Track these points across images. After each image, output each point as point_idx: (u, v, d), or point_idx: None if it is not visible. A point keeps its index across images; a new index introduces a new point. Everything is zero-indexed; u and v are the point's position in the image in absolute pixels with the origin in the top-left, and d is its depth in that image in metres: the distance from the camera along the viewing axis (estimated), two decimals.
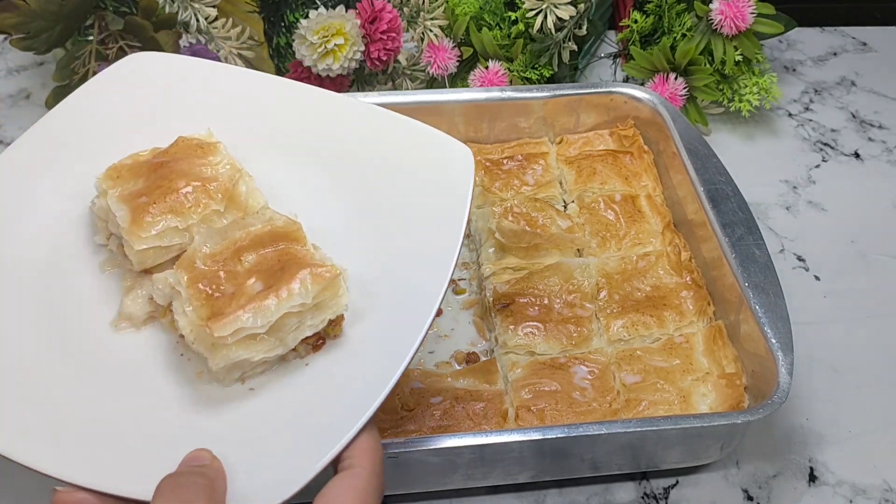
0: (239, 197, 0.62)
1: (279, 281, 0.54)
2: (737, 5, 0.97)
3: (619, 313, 0.77)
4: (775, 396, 0.65)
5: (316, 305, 0.55)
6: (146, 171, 0.61)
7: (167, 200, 0.59)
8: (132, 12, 0.95)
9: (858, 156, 1.03)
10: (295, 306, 0.53)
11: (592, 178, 0.88)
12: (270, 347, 0.54)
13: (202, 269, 0.55)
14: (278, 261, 0.56)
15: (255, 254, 0.56)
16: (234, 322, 0.52)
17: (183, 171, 0.61)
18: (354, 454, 0.49)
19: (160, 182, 0.60)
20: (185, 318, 0.54)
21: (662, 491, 0.72)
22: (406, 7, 0.99)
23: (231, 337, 0.52)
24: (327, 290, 0.55)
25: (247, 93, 0.70)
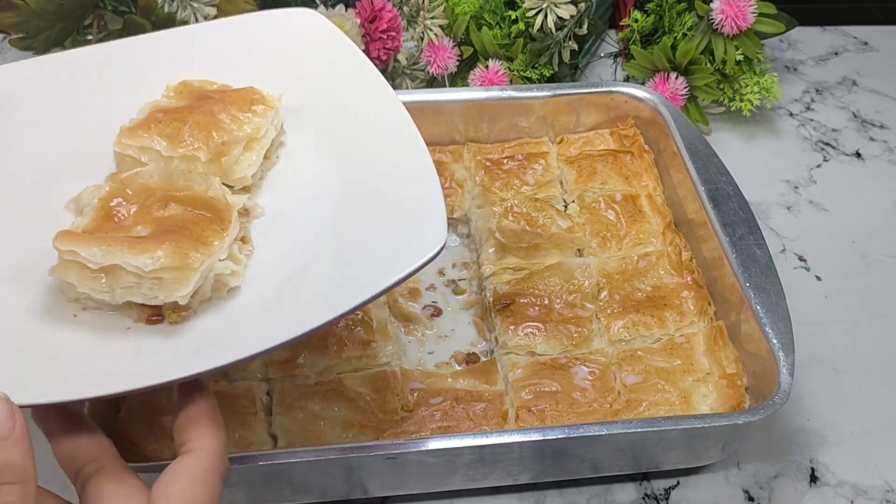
0: (227, 159, 0.62)
1: (157, 239, 0.54)
2: (738, 5, 0.97)
3: (619, 313, 0.77)
4: (776, 397, 0.65)
5: (157, 279, 0.53)
6: (196, 96, 0.65)
7: (170, 126, 0.61)
8: (131, 11, 0.95)
9: (860, 155, 1.03)
10: (134, 266, 0.52)
11: (593, 178, 0.88)
12: (97, 289, 0.54)
13: (127, 192, 0.57)
14: (184, 225, 0.56)
15: (182, 208, 0.57)
16: (75, 244, 0.53)
17: (210, 112, 0.63)
18: (193, 437, 0.49)
19: (186, 110, 0.63)
20: (80, 220, 0.56)
21: (663, 492, 0.72)
22: (406, 6, 0.99)
23: (66, 255, 0.53)
24: (174, 271, 0.53)
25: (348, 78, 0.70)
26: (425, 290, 0.83)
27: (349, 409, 0.70)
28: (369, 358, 0.73)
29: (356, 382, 0.71)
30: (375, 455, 0.62)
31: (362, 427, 0.69)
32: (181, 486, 0.46)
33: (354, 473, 0.66)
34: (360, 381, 0.72)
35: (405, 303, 0.81)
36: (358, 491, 0.68)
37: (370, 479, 0.67)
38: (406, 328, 0.79)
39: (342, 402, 0.70)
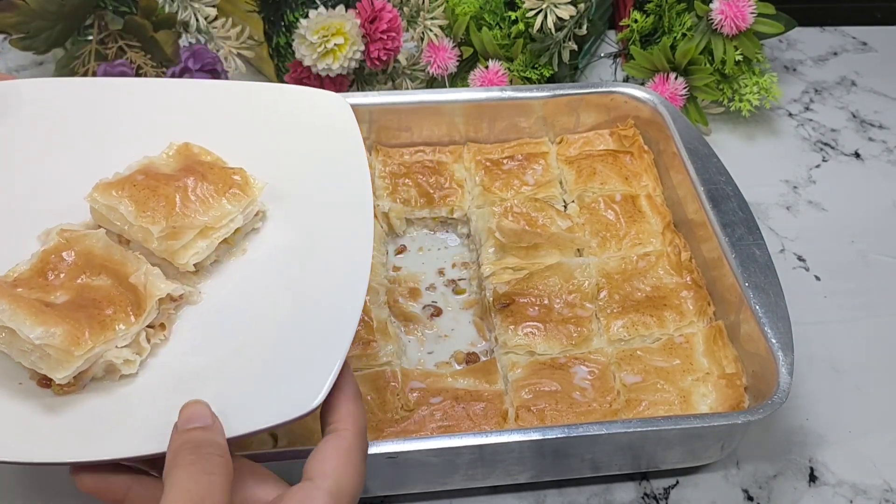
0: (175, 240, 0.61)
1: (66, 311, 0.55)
2: (737, 5, 0.97)
3: (619, 313, 0.77)
4: (775, 396, 0.65)
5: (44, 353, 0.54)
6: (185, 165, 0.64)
7: (142, 192, 0.61)
8: (132, 12, 0.95)
9: (859, 156, 1.03)
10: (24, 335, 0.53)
11: (592, 178, 0.88)
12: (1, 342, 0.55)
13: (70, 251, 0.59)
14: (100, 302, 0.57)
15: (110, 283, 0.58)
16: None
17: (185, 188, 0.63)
18: (338, 419, 0.53)
19: (166, 179, 0.63)
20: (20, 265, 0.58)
21: (663, 491, 0.72)
22: (406, 7, 0.99)
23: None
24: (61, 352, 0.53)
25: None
26: (425, 290, 0.83)
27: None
28: (369, 357, 0.73)
29: None
30: (375, 455, 0.62)
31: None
32: (333, 464, 0.51)
33: None
34: (359, 380, 0.72)
35: (405, 302, 0.81)
36: None
37: (370, 479, 0.67)
38: (406, 328, 0.79)
39: None
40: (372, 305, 0.77)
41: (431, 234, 0.89)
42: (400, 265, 0.86)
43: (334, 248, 0.61)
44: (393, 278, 0.84)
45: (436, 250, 0.88)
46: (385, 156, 0.90)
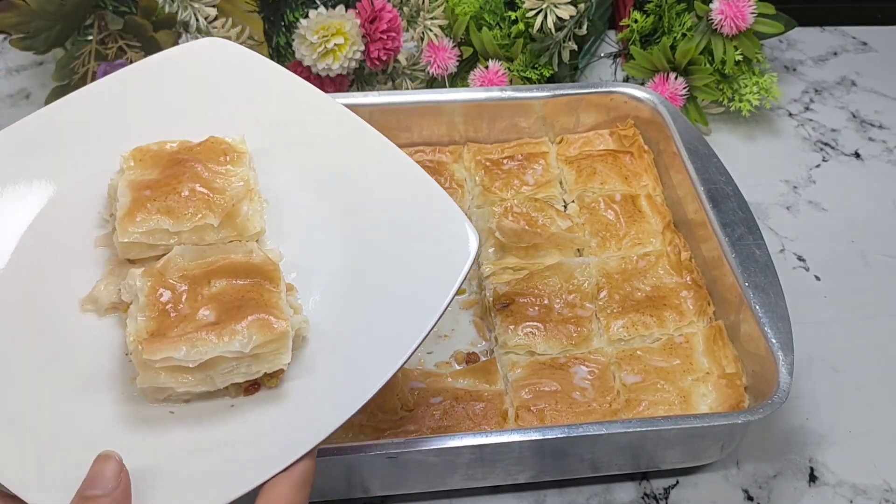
0: (237, 217, 0.60)
1: (230, 318, 0.53)
2: (737, 5, 0.97)
3: (619, 313, 0.77)
4: (775, 396, 0.65)
5: (255, 356, 0.53)
6: (165, 162, 0.61)
7: (167, 200, 0.59)
8: (132, 12, 0.95)
9: (859, 156, 1.03)
10: (232, 352, 0.52)
11: (592, 178, 0.88)
12: (197, 383, 0.53)
13: (169, 281, 0.55)
14: (242, 296, 0.55)
15: (226, 281, 0.56)
16: (166, 350, 0.52)
17: (196, 175, 0.61)
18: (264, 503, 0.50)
19: (171, 179, 0.60)
20: (134, 324, 0.54)
21: (662, 491, 0.72)
22: (406, 7, 0.99)
23: (160, 363, 0.52)
24: (271, 343, 0.53)
25: (304, 108, 0.68)
26: None
27: None
28: None
29: None
30: (375, 455, 0.62)
31: (362, 427, 0.69)
32: None
33: (354, 473, 0.66)
34: None
35: None
36: (358, 490, 0.69)
37: (370, 479, 0.67)
38: None
39: None
40: None
41: None
42: None
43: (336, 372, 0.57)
44: None
45: None
46: None
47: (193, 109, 0.67)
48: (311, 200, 0.64)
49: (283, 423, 0.54)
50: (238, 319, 0.53)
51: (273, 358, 0.54)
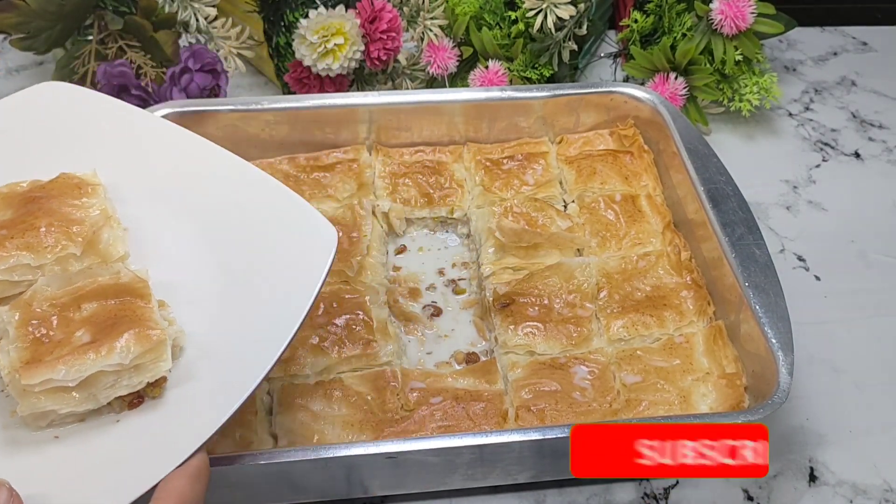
0: (99, 244, 0.62)
1: (106, 336, 0.54)
2: (737, 5, 0.97)
3: (619, 313, 0.77)
4: (775, 396, 0.65)
5: (136, 367, 0.54)
6: (18, 202, 0.62)
7: (25, 237, 0.59)
8: (132, 12, 0.95)
9: (859, 156, 1.03)
10: (112, 365, 0.53)
11: (592, 178, 0.88)
12: (80, 402, 0.54)
13: (37, 311, 0.55)
14: (114, 315, 0.56)
15: (97, 303, 0.56)
16: (44, 373, 0.52)
17: (51, 210, 0.61)
18: (161, 496, 0.51)
19: (25, 217, 0.61)
20: (6, 357, 0.54)
21: (662, 491, 0.72)
22: (406, 7, 0.99)
23: (39, 387, 0.52)
24: (150, 353, 0.54)
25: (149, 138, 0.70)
26: (425, 290, 0.83)
27: (349, 409, 0.70)
28: (369, 357, 0.73)
29: (356, 382, 0.72)
30: (375, 455, 0.62)
31: (362, 426, 0.69)
32: None
33: (354, 473, 0.66)
34: (359, 380, 0.72)
35: (405, 302, 0.81)
36: (358, 490, 0.69)
37: (370, 479, 0.67)
38: (406, 328, 0.79)
39: (342, 401, 0.70)
40: (372, 305, 0.77)
41: (431, 234, 0.89)
42: (400, 265, 0.86)
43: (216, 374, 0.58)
44: (393, 278, 0.84)
45: (436, 250, 0.88)
46: (385, 156, 0.90)
47: (39, 151, 0.68)
48: (168, 223, 0.66)
49: (169, 429, 0.55)
50: (114, 336, 0.54)
51: (153, 367, 0.55)
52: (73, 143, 0.69)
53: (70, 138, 0.69)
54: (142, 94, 0.91)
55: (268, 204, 0.65)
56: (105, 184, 0.66)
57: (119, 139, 0.70)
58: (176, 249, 0.65)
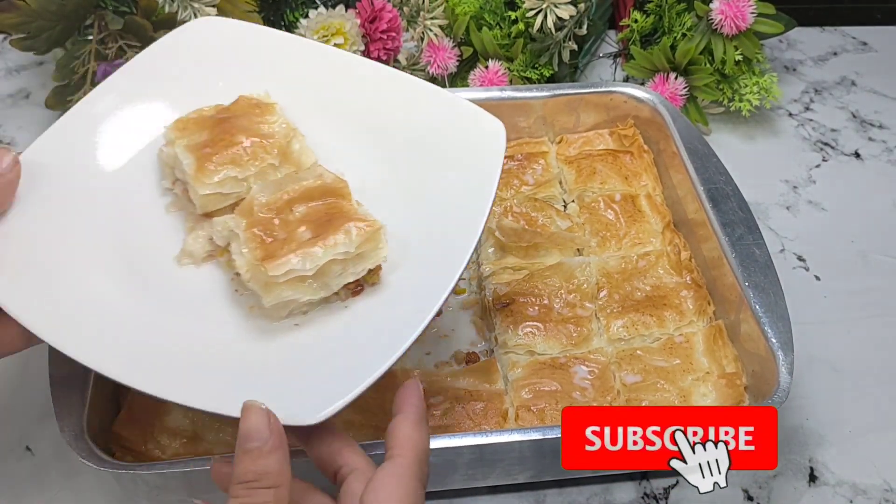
0: (292, 153, 0.67)
1: (326, 231, 0.59)
2: (737, 5, 0.97)
3: (619, 313, 0.77)
4: (775, 396, 0.65)
5: (358, 255, 0.60)
6: (210, 124, 0.67)
7: (228, 152, 0.64)
8: (132, 12, 0.95)
9: (859, 155, 1.03)
10: (339, 254, 0.59)
11: (592, 178, 0.88)
12: (316, 290, 0.60)
13: (259, 216, 0.61)
14: (326, 213, 0.61)
15: (305, 205, 0.62)
16: (286, 264, 0.57)
17: (243, 127, 0.66)
18: (396, 444, 0.53)
19: (222, 135, 0.65)
20: (241, 258, 0.59)
21: (662, 491, 0.72)
22: (406, 6, 0.99)
23: (282, 277, 0.58)
24: (369, 242, 0.60)
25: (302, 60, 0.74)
26: None
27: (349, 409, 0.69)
28: None
29: None
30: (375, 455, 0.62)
31: (362, 426, 0.69)
32: (387, 492, 0.51)
33: None
34: None
35: None
36: None
37: None
38: None
39: None
40: None
41: None
42: None
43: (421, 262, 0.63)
44: None
45: None
46: None
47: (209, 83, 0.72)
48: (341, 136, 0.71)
49: (394, 312, 0.60)
50: (334, 229, 0.59)
51: (373, 254, 0.61)
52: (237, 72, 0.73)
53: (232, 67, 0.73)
54: None
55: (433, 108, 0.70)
56: None
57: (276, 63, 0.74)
58: (352, 160, 0.68)
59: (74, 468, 0.71)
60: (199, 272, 0.64)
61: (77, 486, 0.71)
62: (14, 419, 0.75)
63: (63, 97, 0.95)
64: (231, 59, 0.74)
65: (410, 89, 0.72)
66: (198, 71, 0.73)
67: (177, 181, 0.67)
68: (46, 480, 0.71)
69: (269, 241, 0.59)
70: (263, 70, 0.73)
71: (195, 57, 0.73)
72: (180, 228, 0.66)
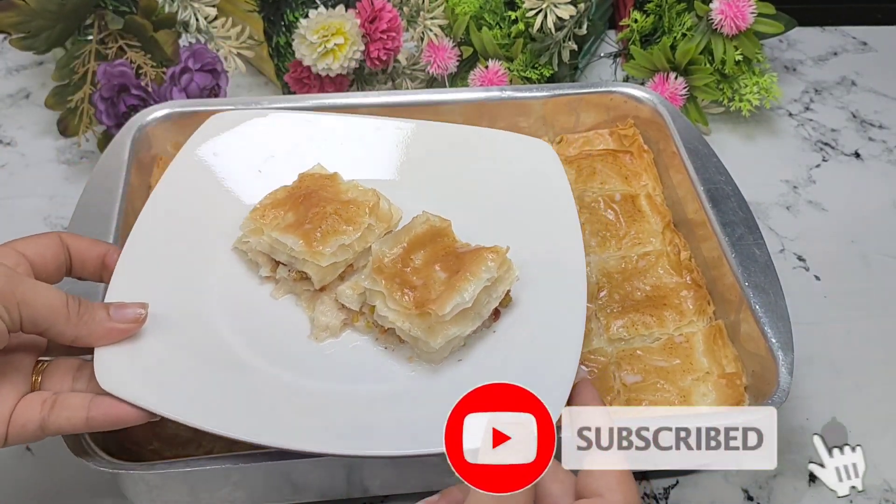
0: (383, 211, 0.69)
1: (461, 265, 0.62)
2: (737, 5, 0.97)
3: (619, 313, 0.77)
4: (775, 396, 0.65)
5: (496, 280, 0.63)
6: (291, 205, 0.68)
7: (328, 223, 0.66)
8: (132, 12, 0.95)
9: (859, 155, 1.03)
10: (487, 281, 0.61)
11: (592, 178, 0.88)
12: (473, 320, 0.62)
13: (390, 270, 0.63)
14: (446, 253, 0.64)
15: (423, 251, 0.64)
16: (451, 300, 0.60)
17: (326, 198, 0.68)
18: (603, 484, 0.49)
19: (312, 207, 0.67)
20: (393, 313, 0.61)
21: (662, 491, 0.72)
22: (406, 6, 0.99)
23: (449, 315, 0.59)
24: (502, 266, 0.63)
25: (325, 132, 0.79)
26: None
27: None
28: None
29: None
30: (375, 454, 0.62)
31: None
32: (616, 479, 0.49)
33: (354, 473, 0.66)
34: None
35: None
36: (358, 490, 0.68)
37: (370, 479, 0.67)
38: None
39: None
40: None
41: None
42: None
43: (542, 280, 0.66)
44: None
45: None
46: None
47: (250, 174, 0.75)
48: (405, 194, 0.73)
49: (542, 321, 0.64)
50: (468, 263, 0.62)
51: (507, 276, 0.64)
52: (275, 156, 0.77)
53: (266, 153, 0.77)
54: (142, 94, 0.91)
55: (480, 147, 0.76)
56: None
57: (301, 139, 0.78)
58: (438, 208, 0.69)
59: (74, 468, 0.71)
60: (341, 342, 0.66)
61: (77, 486, 0.71)
62: None
63: (63, 97, 0.95)
64: (260, 145, 0.77)
65: (451, 135, 0.76)
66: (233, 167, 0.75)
67: (279, 266, 0.68)
68: (46, 480, 0.71)
69: (412, 291, 0.61)
70: (298, 148, 0.76)
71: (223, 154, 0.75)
72: (295, 311, 0.67)
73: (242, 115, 0.80)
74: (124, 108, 0.90)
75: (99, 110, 0.92)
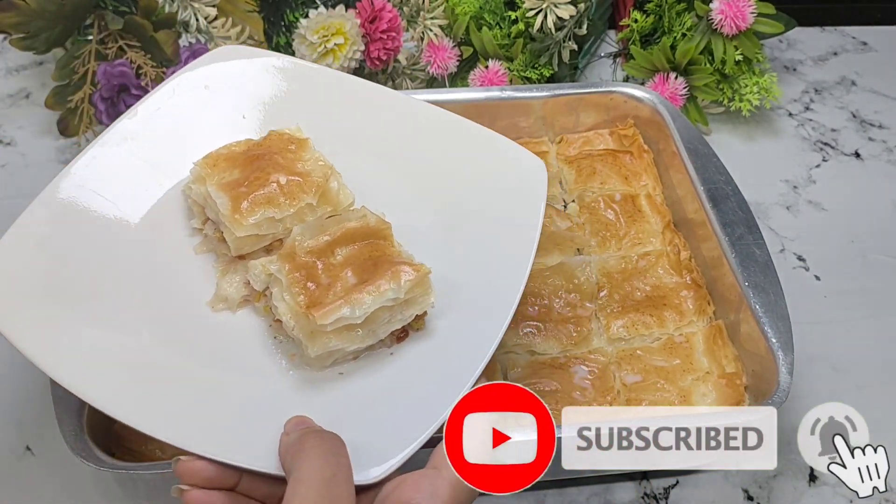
0: (330, 192, 0.64)
1: (373, 276, 0.57)
2: (737, 5, 0.97)
3: (619, 313, 0.77)
4: (775, 396, 0.65)
5: (406, 301, 0.57)
6: (242, 161, 0.64)
7: (264, 191, 0.62)
8: (132, 12, 0.95)
9: (859, 155, 1.03)
10: (388, 301, 0.56)
11: (592, 178, 0.88)
12: (363, 338, 0.57)
13: (301, 260, 0.58)
14: (369, 256, 0.59)
15: (348, 248, 0.59)
16: (335, 312, 0.55)
17: (278, 164, 0.64)
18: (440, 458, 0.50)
19: (257, 173, 0.63)
20: (284, 305, 0.57)
21: (662, 491, 0.72)
22: (406, 6, 0.99)
23: (331, 326, 0.55)
24: (417, 287, 0.57)
25: (333, 93, 0.72)
26: None
27: None
28: None
29: None
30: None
31: None
32: None
33: None
34: None
35: None
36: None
37: None
38: None
39: None
40: None
41: None
42: None
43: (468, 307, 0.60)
44: None
45: None
46: None
47: (234, 116, 0.70)
48: (376, 172, 0.68)
49: (443, 359, 0.58)
50: (380, 274, 0.56)
51: (422, 300, 0.58)
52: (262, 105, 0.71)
53: (258, 99, 0.72)
54: (141, 94, 0.91)
55: (470, 145, 0.69)
56: None
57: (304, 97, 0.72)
58: (392, 199, 0.66)
59: (74, 468, 0.71)
60: (235, 318, 0.62)
61: (77, 486, 0.71)
62: (14, 419, 0.75)
63: (63, 97, 0.95)
64: (254, 90, 0.71)
65: (450, 127, 0.71)
66: (220, 104, 0.70)
67: (208, 221, 0.64)
68: (46, 480, 0.71)
69: (313, 288, 0.56)
70: (291, 103, 0.71)
71: (216, 88, 0.71)
72: (211, 272, 0.63)
73: (251, 52, 0.75)
74: (124, 108, 0.90)
75: (99, 110, 0.92)
